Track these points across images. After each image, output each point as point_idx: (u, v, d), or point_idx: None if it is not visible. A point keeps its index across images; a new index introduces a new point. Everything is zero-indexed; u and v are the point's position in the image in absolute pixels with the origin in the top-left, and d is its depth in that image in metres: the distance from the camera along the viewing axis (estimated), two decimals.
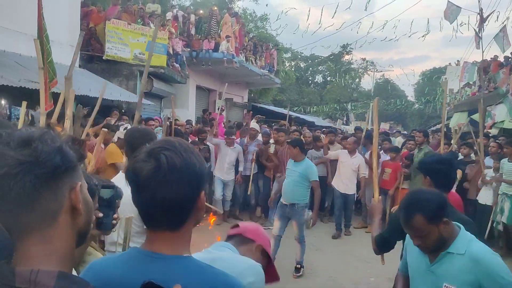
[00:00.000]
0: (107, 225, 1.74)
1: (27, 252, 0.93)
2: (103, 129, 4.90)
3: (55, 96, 4.78)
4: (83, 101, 8.37)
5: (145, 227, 1.28)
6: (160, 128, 7.59)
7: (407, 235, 2.42)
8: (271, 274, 1.88)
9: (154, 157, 1.19)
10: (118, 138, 6.39)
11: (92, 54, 11.96)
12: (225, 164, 8.46)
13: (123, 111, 10.53)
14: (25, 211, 0.92)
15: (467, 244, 2.18)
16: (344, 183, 8.34)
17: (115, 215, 1.82)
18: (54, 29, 10.09)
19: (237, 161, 8.80)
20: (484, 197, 7.24)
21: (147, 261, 1.21)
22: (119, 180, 2.80)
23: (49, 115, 4.32)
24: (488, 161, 7.55)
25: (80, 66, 11.34)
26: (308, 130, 12.00)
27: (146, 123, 8.38)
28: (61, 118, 5.37)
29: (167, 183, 1.18)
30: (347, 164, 8.35)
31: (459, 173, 7.27)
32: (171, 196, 1.18)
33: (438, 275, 2.22)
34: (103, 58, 11.74)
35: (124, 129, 6.84)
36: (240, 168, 8.77)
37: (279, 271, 2.00)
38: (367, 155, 8.67)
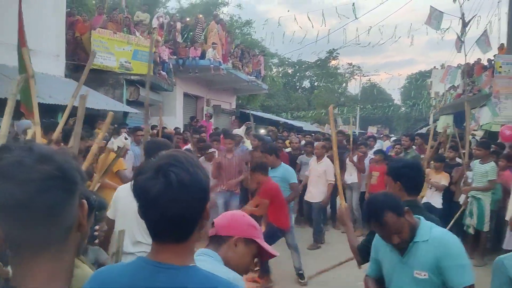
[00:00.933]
0: (90, 237, 1.75)
1: (38, 269, 0.93)
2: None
3: (41, 107, 4.75)
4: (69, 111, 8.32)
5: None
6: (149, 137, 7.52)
7: (376, 238, 2.59)
8: (265, 254, 1.87)
9: (163, 174, 1.20)
10: (118, 147, 6.42)
11: (78, 64, 11.90)
12: None
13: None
14: (49, 226, 0.93)
15: (429, 230, 2.36)
16: (308, 190, 8.11)
17: (96, 227, 1.82)
18: (40, 39, 10.09)
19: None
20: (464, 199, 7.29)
21: (154, 271, 1.23)
22: (127, 189, 2.82)
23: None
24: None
25: (66, 76, 11.30)
26: (294, 136, 12.03)
27: (134, 133, 8.30)
28: (49, 129, 5.36)
29: (177, 200, 1.20)
30: (313, 170, 8.12)
31: (445, 176, 7.35)
32: (181, 212, 1.21)
33: (409, 265, 2.37)
34: (89, 57, 11.68)
35: (125, 138, 6.88)
36: None
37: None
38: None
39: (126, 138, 6.94)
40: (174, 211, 1.20)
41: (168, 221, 1.22)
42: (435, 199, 7.30)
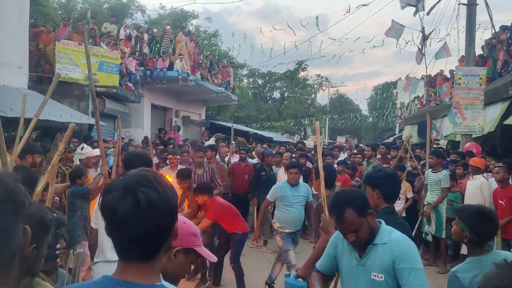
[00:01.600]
0: (51, 255, 1.73)
1: None
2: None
3: (3, 120, 4.62)
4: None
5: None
6: (113, 149, 7.44)
7: (337, 235, 2.64)
8: (203, 258, 1.90)
9: (131, 194, 1.20)
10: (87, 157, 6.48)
11: (41, 76, 11.67)
12: None
13: (74, 133, 10.28)
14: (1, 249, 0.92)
15: (388, 234, 2.42)
16: None
17: (58, 245, 1.80)
18: (2, 51, 9.86)
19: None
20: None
21: None
22: None
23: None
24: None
25: (29, 88, 11.05)
26: (260, 147, 12.06)
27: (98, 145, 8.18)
28: (11, 143, 5.24)
29: (145, 220, 1.20)
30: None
31: (405, 185, 7.53)
32: (148, 232, 1.21)
33: (367, 267, 2.42)
34: (53, 79, 11.48)
35: (81, 149, 6.73)
36: None
37: None
38: None
39: (82, 149, 6.65)
40: (142, 231, 1.20)
41: (135, 240, 1.21)
42: (398, 208, 7.47)
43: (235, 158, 9.90)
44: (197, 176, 6.99)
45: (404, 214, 7.38)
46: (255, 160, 10.64)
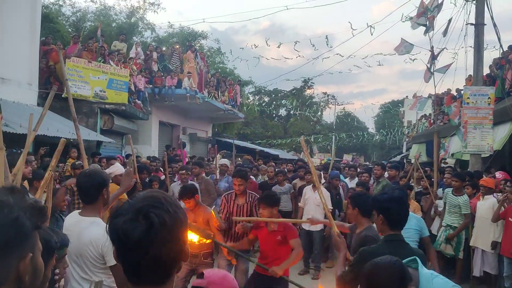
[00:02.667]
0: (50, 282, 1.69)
1: None
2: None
3: (12, 137, 4.66)
4: (41, 139, 8.19)
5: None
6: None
7: None
8: None
9: (144, 217, 1.18)
10: (115, 175, 6.29)
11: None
12: None
13: None
14: None
15: (430, 281, 2.18)
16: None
17: (57, 270, 1.76)
18: (13, 68, 9.99)
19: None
20: (436, 227, 7.41)
21: None
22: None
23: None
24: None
25: (38, 104, 11.14)
26: (271, 164, 11.99)
27: (107, 162, 8.23)
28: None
29: (160, 242, 1.17)
30: (310, 199, 7.95)
31: (414, 204, 7.45)
32: (162, 254, 1.19)
33: None
34: (62, 96, 11.57)
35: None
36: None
37: None
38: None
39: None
40: (156, 254, 1.18)
41: (149, 264, 1.19)
42: None
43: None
44: None
45: None
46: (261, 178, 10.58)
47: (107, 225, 1.22)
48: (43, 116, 3.83)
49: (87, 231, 2.69)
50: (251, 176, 9.54)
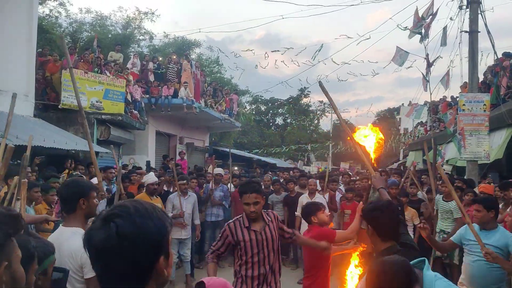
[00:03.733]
0: None
1: None
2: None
3: None
4: (37, 151, 8.16)
5: None
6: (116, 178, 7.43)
7: None
8: None
9: (106, 225, 1.15)
10: (148, 184, 6.92)
11: (47, 103, 11.77)
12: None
13: (79, 160, 10.29)
14: None
15: (433, 283, 2.16)
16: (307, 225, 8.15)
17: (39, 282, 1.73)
18: (9, 79, 9.97)
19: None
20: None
21: None
22: None
23: None
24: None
25: (34, 116, 11.12)
26: (269, 174, 12.01)
27: (104, 172, 8.21)
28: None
29: (118, 253, 1.13)
30: None
31: (411, 211, 7.45)
32: (123, 266, 1.14)
33: None
34: (59, 107, 11.56)
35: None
36: (196, 220, 7.92)
37: None
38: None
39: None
40: (116, 263, 1.13)
41: (113, 273, 1.15)
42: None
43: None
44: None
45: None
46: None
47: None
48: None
49: (67, 242, 2.63)
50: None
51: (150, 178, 7.04)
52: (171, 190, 8.50)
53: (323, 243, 4.03)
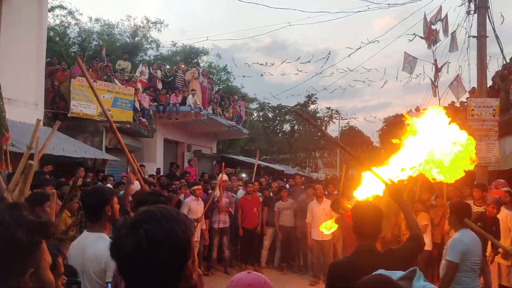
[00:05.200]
0: None
1: None
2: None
3: (18, 156, 4.67)
4: (47, 159, 8.22)
5: None
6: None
7: None
8: None
9: (134, 232, 1.16)
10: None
11: (56, 112, 11.87)
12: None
13: (88, 168, 10.35)
14: None
15: None
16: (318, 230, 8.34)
17: None
18: (19, 88, 10.07)
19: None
20: None
21: None
22: None
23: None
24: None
25: (44, 124, 11.21)
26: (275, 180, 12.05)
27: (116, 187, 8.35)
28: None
29: (149, 259, 1.14)
30: (318, 211, 8.39)
31: (425, 216, 7.42)
32: (154, 271, 1.14)
33: None
34: (68, 115, 11.66)
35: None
36: (203, 225, 8.39)
37: None
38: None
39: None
40: (147, 269, 1.14)
41: (144, 280, 1.15)
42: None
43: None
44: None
45: (429, 248, 7.36)
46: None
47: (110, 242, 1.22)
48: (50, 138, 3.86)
49: (92, 246, 2.71)
50: (256, 192, 9.64)
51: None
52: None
53: None
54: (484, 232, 4.53)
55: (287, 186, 10.75)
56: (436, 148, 2.92)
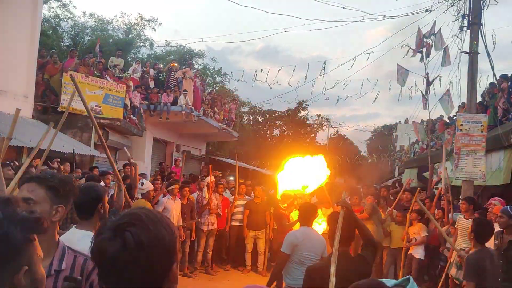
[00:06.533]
0: None
1: None
2: None
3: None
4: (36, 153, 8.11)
5: None
6: (113, 182, 7.46)
7: None
8: None
9: (119, 235, 1.11)
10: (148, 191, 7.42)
11: (46, 106, 11.75)
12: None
13: (75, 164, 10.25)
14: None
15: None
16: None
17: None
18: (9, 79, 9.96)
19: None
20: None
21: None
22: None
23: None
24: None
25: (33, 117, 11.10)
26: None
27: (103, 177, 8.27)
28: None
29: (135, 263, 1.10)
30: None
31: (422, 227, 7.63)
32: (140, 275, 1.11)
33: None
34: (58, 109, 11.55)
35: (141, 185, 7.22)
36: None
37: None
38: None
39: (142, 184, 7.51)
40: (132, 274, 1.10)
41: (127, 284, 1.11)
42: (417, 250, 7.78)
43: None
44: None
45: (422, 257, 7.75)
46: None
47: (90, 244, 1.16)
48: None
49: (78, 243, 2.64)
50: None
51: (151, 186, 7.80)
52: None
53: None
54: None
55: None
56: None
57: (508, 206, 5.02)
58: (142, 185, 7.40)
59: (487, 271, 4.06)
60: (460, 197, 9.84)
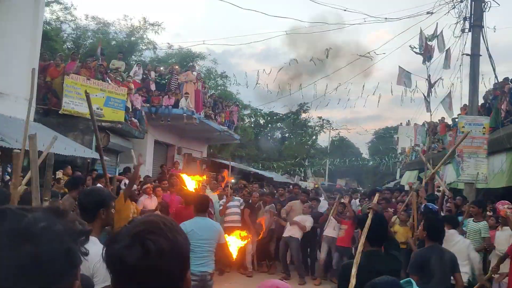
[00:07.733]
0: None
1: None
2: None
3: (7, 152, 4.62)
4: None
5: None
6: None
7: None
8: None
9: (140, 243, 1.12)
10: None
11: (48, 108, 11.76)
12: None
13: (76, 167, 10.26)
14: None
15: None
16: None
17: None
18: (11, 82, 9.96)
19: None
20: None
21: None
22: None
23: None
24: None
25: (35, 120, 11.08)
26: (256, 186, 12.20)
27: (98, 180, 8.27)
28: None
29: (156, 269, 1.11)
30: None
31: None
32: (159, 282, 1.13)
33: None
34: (60, 112, 11.55)
35: (124, 185, 7.27)
36: None
37: None
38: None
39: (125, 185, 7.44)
40: (153, 281, 1.11)
41: None
42: None
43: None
44: None
45: None
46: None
47: (103, 250, 1.16)
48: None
49: None
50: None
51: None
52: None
53: None
54: None
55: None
56: None
57: None
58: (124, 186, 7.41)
59: (431, 267, 4.26)
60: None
